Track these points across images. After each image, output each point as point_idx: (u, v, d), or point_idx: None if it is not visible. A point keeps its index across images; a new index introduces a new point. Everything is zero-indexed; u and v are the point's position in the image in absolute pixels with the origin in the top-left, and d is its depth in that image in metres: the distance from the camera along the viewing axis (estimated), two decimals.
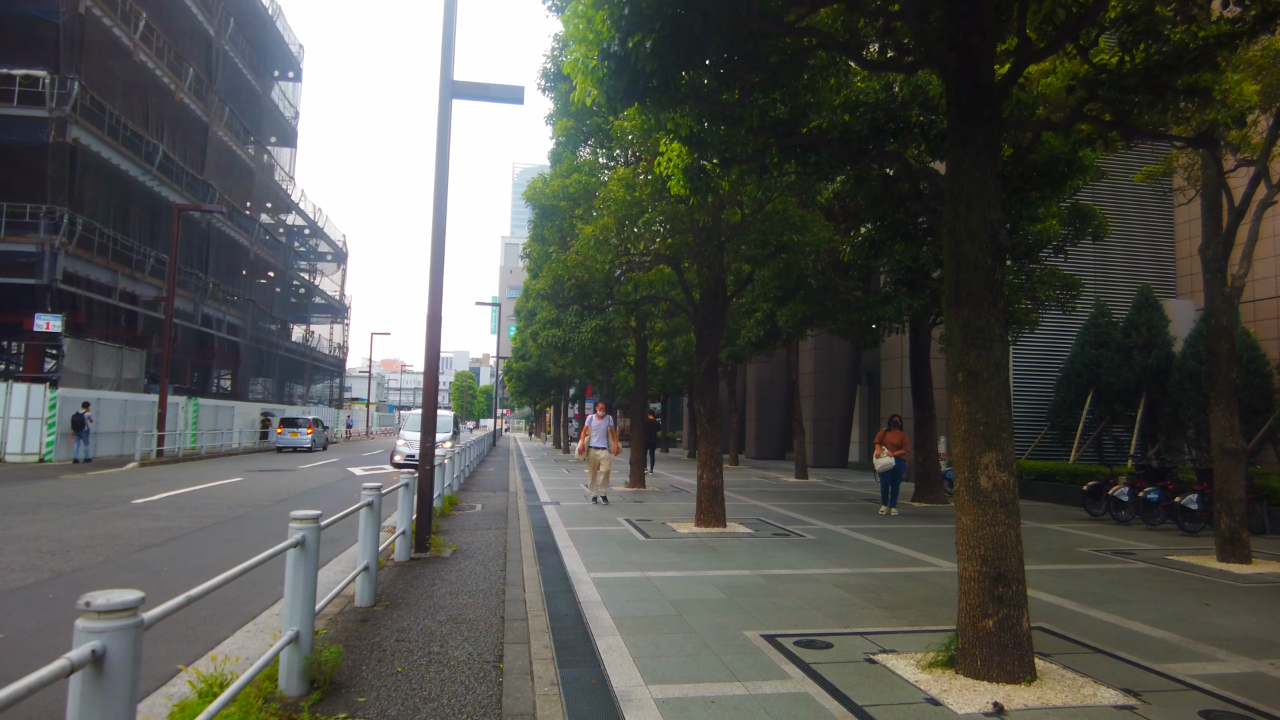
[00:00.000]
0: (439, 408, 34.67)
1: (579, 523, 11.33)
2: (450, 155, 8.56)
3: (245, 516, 11.92)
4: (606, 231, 8.75)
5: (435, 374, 8.62)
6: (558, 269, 10.84)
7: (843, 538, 10.25)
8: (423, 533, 8.53)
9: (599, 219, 8.99)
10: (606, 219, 8.77)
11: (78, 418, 22.80)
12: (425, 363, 8.64)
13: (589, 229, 9.00)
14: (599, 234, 8.78)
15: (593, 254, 9.06)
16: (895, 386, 21.99)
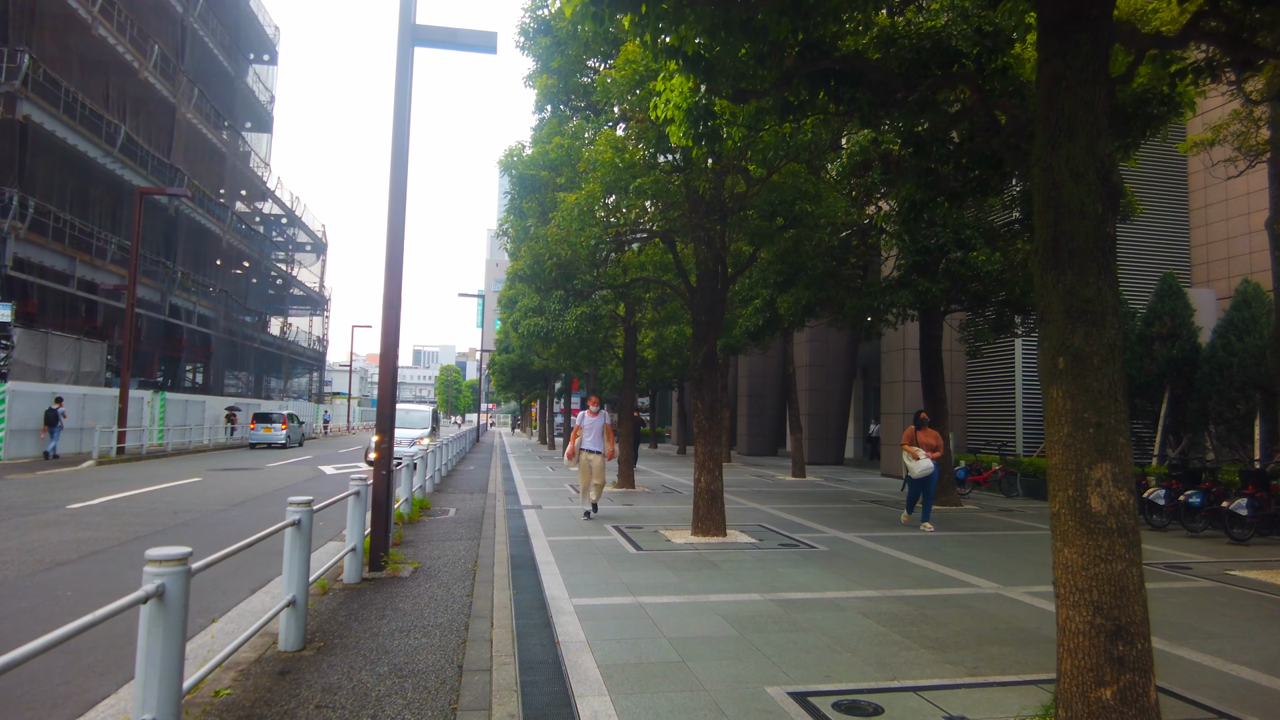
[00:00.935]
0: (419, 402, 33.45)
1: (562, 531, 10.15)
2: (411, 112, 7.33)
3: (190, 524, 10.67)
4: (592, 200, 7.56)
5: (393, 361, 7.40)
6: (537, 247, 9.63)
7: (859, 549, 9.12)
8: (378, 548, 7.33)
9: (584, 186, 7.78)
10: (592, 186, 7.58)
11: (51, 413, 21.75)
12: (381, 349, 7.43)
13: (571, 197, 7.79)
14: (583, 203, 7.59)
15: (576, 227, 7.88)
16: (897, 380, 20.93)
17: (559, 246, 8.85)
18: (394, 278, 7.38)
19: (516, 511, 12.14)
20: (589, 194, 7.63)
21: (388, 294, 7.42)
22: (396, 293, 7.41)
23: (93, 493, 13.82)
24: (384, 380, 7.40)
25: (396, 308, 7.44)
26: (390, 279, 7.38)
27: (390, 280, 7.37)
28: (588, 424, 11.13)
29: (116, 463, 21.62)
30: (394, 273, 7.38)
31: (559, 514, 11.92)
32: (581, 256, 9.04)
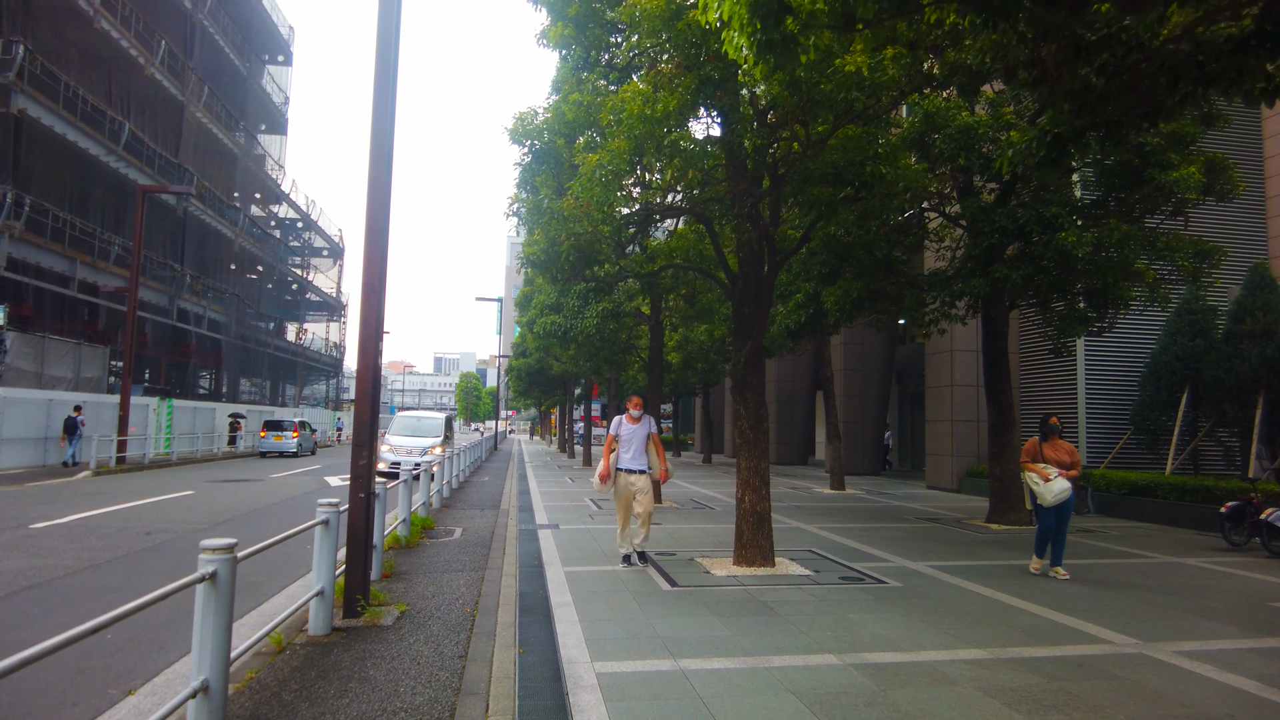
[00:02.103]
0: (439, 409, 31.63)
1: (582, 558, 8.71)
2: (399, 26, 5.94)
3: (158, 549, 9.34)
4: (618, 160, 6.15)
5: (374, 355, 6.01)
6: (552, 229, 8.24)
7: (938, 585, 7.60)
8: (354, 590, 5.92)
9: (608, 144, 6.38)
10: (618, 142, 6.18)
11: (70, 421, 20.98)
12: (360, 339, 6.03)
13: (594, 157, 6.39)
14: (607, 164, 6.18)
15: (599, 193, 6.48)
16: (944, 384, 19.31)
17: (577, 224, 7.46)
18: (376, 246, 6.00)
19: (530, 533, 10.72)
20: (614, 152, 6.23)
21: (367, 274, 6.03)
22: (380, 269, 6.02)
23: (70, 509, 12.59)
24: (363, 379, 6.01)
25: (379, 290, 6.06)
26: (371, 249, 5.99)
27: (371, 250, 5.99)
28: (626, 433, 8.06)
29: (115, 473, 20.49)
30: (376, 242, 5.99)
31: (578, 536, 10.49)
32: (604, 234, 7.64)
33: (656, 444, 8.19)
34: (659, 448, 8.20)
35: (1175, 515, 12.73)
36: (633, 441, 8.07)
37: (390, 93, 5.93)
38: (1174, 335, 15.33)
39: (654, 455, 8.14)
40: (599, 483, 8.06)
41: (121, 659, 5.18)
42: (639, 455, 8.09)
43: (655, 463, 8.15)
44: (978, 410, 18.91)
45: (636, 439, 8.09)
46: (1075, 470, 8.05)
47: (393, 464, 20.75)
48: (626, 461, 8.08)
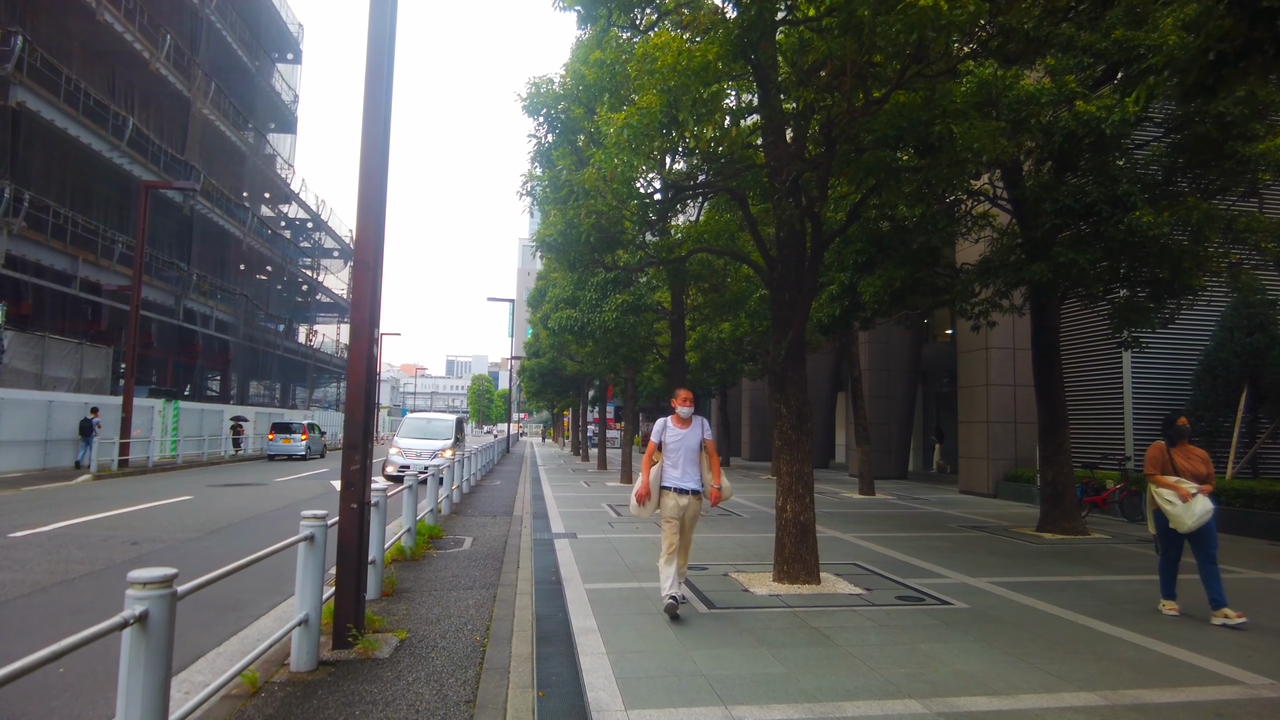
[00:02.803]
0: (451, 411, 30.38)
1: (604, 573, 7.86)
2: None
3: (141, 560, 8.56)
4: (648, 119, 5.29)
5: (368, 340, 5.18)
6: (569, 211, 7.40)
7: (1009, 606, 6.70)
8: (345, 617, 5.09)
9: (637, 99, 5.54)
10: (649, 98, 5.33)
11: (86, 423, 20.55)
12: (352, 325, 5.22)
13: (620, 115, 5.55)
14: (636, 123, 5.33)
15: (624, 160, 5.64)
16: (978, 384, 18.35)
17: (598, 199, 6.61)
18: (370, 214, 5.18)
19: (546, 543, 9.89)
20: (643, 110, 5.38)
21: (360, 247, 5.21)
22: (374, 241, 5.20)
23: (58, 515, 11.86)
24: (355, 369, 5.17)
25: (374, 268, 5.24)
26: (364, 218, 5.17)
27: (365, 218, 5.17)
28: (673, 440, 6.21)
29: (116, 477, 19.81)
30: (370, 208, 5.17)
31: (597, 546, 9.64)
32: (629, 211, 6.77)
33: (712, 455, 6.32)
34: (715, 459, 6.31)
35: (1242, 524, 11.76)
36: (681, 451, 6.17)
37: (387, 38, 5.12)
38: (1230, 330, 14.33)
39: (707, 470, 6.25)
40: (635, 505, 6.20)
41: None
42: (691, 469, 6.16)
43: (708, 479, 6.23)
44: (1014, 411, 17.96)
45: (686, 448, 6.18)
46: (1209, 484, 6.30)
47: (401, 467, 20.02)
48: (676, 479, 6.14)
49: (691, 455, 6.22)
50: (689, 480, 6.17)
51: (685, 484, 6.16)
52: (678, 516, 6.11)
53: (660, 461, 6.28)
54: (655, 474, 6.24)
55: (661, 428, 6.31)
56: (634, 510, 6.28)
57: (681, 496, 6.15)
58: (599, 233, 7.25)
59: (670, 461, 6.22)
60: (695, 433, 6.28)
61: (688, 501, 6.16)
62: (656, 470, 6.25)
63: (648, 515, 6.31)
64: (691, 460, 6.21)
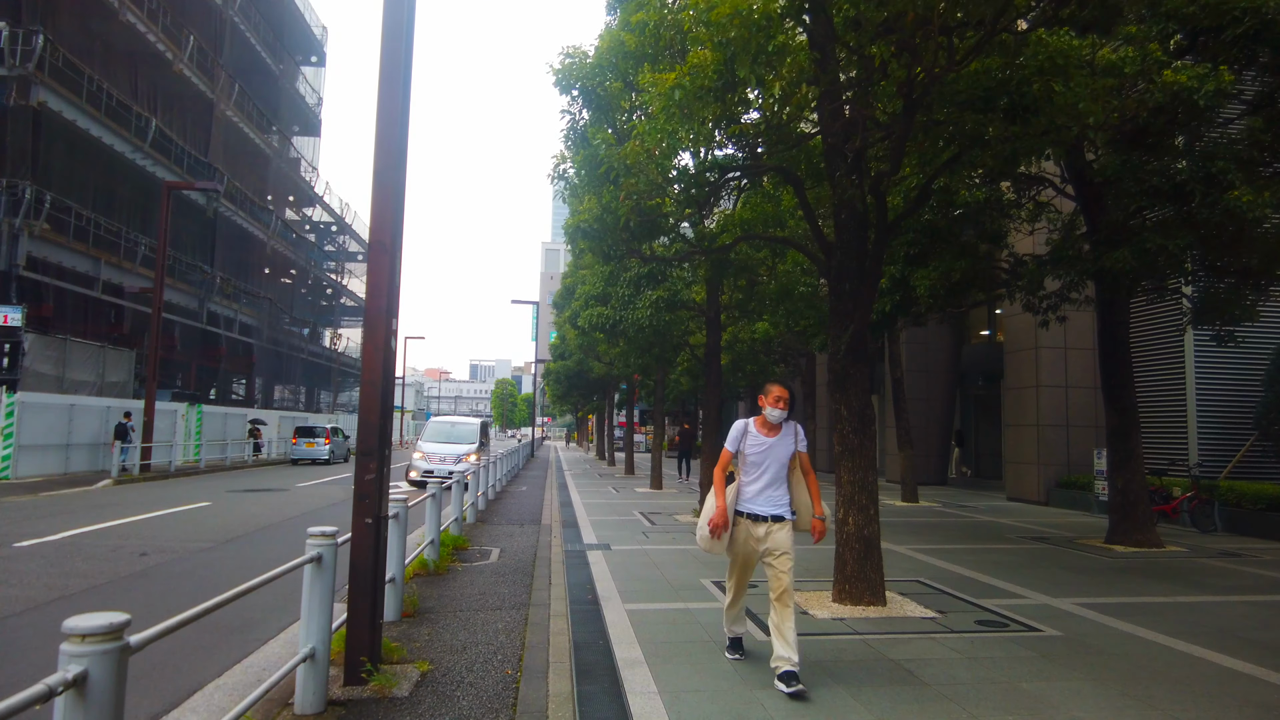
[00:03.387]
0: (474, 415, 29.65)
1: (646, 592, 7.16)
2: None
3: (148, 574, 8.01)
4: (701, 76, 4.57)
5: (384, 331, 4.55)
6: (606, 192, 6.74)
7: (1108, 634, 5.91)
8: (358, 647, 4.44)
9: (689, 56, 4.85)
10: (701, 53, 4.64)
11: (121, 427, 20.35)
12: (366, 316, 4.59)
13: (669, 76, 4.86)
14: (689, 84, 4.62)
15: (670, 131, 4.96)
16: (1027, 385, 17.43)
17: (640, 176, 5.92)
18: (387, 189, 4.54)
19: (578, 555, 9.22)
20: (695, 68, 4.68)
21: (376, 227, 4.58)
22: (392, 219, 4.57)
23: (70, 523, 11.39)
24: (370, 364, 4.53)
25: (391, 250, 4.60)
26: (381, 192, 4.54)
27: (381, 193, 4.54)
28: (757, 450, 4.76)
29: (137, 482, 19.47)
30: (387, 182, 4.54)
31: (634, 559, 8.95)
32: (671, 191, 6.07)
33: (808, 470, 4.87)
34: (812, 479, 4.87)
35: None
36: (768, 465, 4.69)
37: None
38: None
39: (803, 490, 4.83)
40: (707, 538, 4.69)
41: None
42: (776, 490, 4.71)
43: (804, 501, 4.81)
44: (1066, 413, 17.03)
45: (775, 461, 4.71)
46: None
47: (425, 472, 19.48)
48: (759, 502, 4.68)
49: (779, 471, 4.73)
50: (771, 503, 4.68)
51: (770, 508, 4.66)
52: (752, 548, 4.70)
53: (736, 481, 4.77)
54: (734, 497, 4.73)
55: (741, 433, 4.79)
56: (704, 544, 4.74)
57: (757, 525, 4.64)
58: (639, 216, 6.56)
59: (750, 477, 4.73)
60: (786, 442, 4.75)
61: (765, 531, 4.63)
62: (734, 491, 4.75)
63: (721, 551, 4.73)
64: (779, 478, 4.73)
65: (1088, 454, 16.35)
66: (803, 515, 4.82)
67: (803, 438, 4.84)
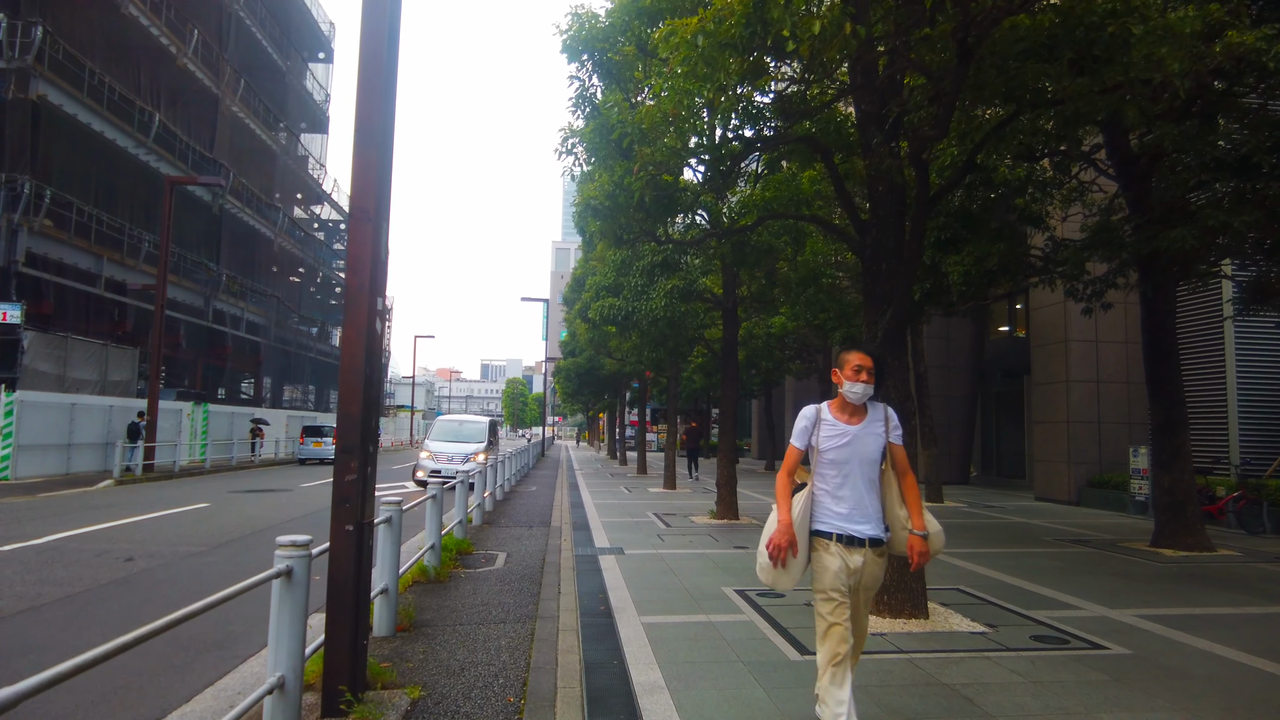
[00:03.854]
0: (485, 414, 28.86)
1: (663, 603, 6.57)
2: None
3: (130, 581, 7.50)
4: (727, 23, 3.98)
5: (368, 312, 3.98)
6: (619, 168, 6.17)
7: (1182, 651, 5.28)
8: (337, 674, 3.87)
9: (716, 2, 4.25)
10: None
11: (133, 426, 20.34)
12: (348, 294, 4.04)
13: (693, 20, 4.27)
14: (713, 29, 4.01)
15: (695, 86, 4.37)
16: (1057, 380, 16.73)
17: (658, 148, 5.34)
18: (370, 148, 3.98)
19: (590, 559, 8.64)
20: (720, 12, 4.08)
21: (358, 192, 4.02)
22: (375, 182, 4.00)
23: (60, 525, 10.92)
24: (351, 348, 3.96)
25: (375, 219, 4.03)
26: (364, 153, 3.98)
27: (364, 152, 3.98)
28: (835, 443, 3.47)
29: (139, 482, 19.03)
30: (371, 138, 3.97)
31: (649, 565, 8.37)
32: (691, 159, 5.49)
33: (904, 469, 3.55)
34: (910, 480, 3.55)
35: None
36: (852, 466, 3.45)
37: None
38: None
39: (895, 500, 3.52)
40: (768, 566, 3.47)
41: None
42: (867, 500, 3.46)
43: (897, 512, 3.52)
44: (1098, 410, 16.33)
45: (862, 458, 3.46)
46: None
47: (432, 472, 18.95)
48: (842, 517, 3.44)
49: (869, 473, 3.44)
50: (866, 520, 3.42)
51: (860, 527, 3.41)
52: (845, 587, 3.37)
53: (809, 484, 3.53)
54: (802, 508, 3.44)
55: (811, 422, 3.52)
56: (765, 576, 3.48)
57: (853, 551, 3.39)
58: (655, 191, 5.98)
59: (827, 484, 3.45)
60: (875, 431, 3.46)
61: (863, 561, 3.39)
62: (804, 501, 3.46)
63: (789, 586, 3.48)
64: (869, 482, 3.44)
65: (1120, 452, 15.66)
66: (895, 531, 3.51)
67: (896, 424, 3.56)
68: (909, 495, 3.52)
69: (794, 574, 3.47)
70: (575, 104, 7.34)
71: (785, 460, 3.61)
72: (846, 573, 3.39)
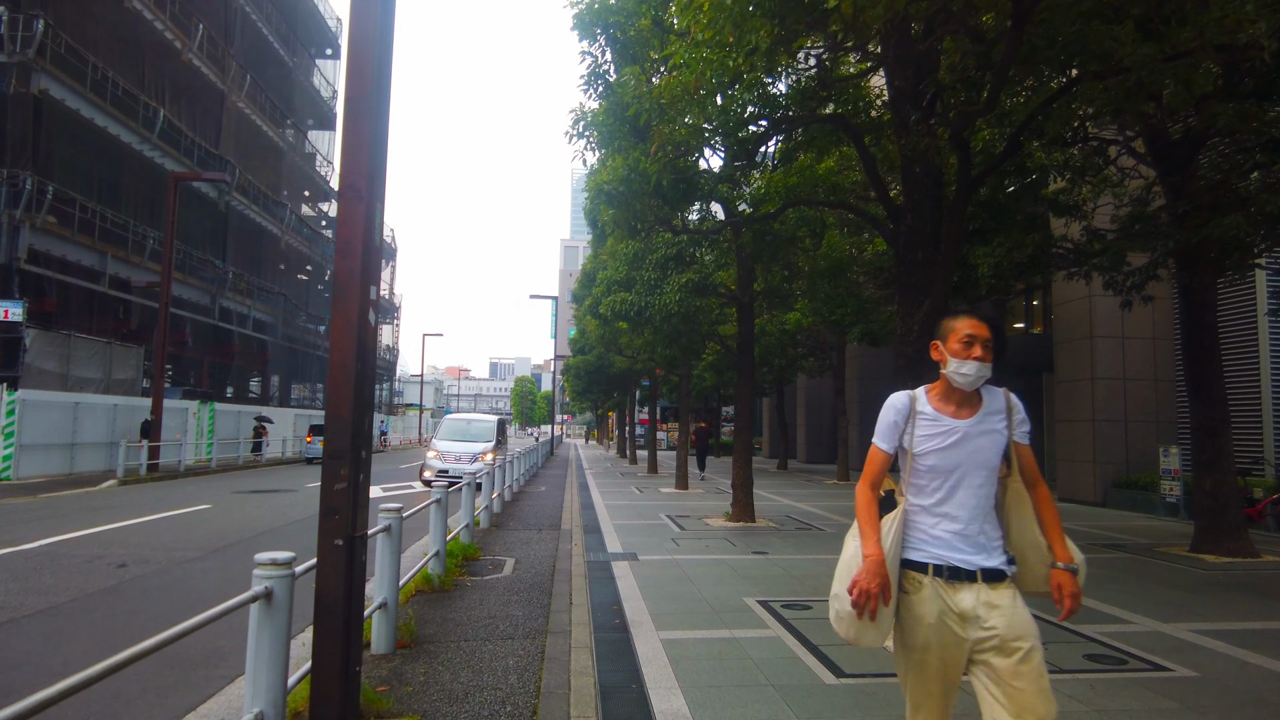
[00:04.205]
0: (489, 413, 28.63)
1: (682, 616, 6.15)
2: None
3: (119, 590, 7.13)
4: None
5: (360, 301, 3.57)
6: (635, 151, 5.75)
7: (1255, 674, 4.83)
8: (326, 707, 3.46)
9: None
10: None
11: (147, 425, 20.26)
12: (336, 279, 3.63)
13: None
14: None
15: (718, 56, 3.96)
16: (1082, 378, 16.22)
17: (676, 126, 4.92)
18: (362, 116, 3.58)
19: (602, 566, 8.23)
20: None
21: (348, 168, 3.61)
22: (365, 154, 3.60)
23: (55, 528, 10.58)
24: (342, 340, 3.55)
25: (367, 197, 3.62)
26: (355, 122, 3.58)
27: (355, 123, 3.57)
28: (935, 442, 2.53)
29: (144, 482, 18.74)
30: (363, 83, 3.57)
31: (665, 572, 7.95)
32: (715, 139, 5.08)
33: (1034, 478, 2.58)
34: (1043, 491, 2.58)
35: None
36: (963, 472, 2.51)
37: None
38: None
39: (1025, 518, 2.55)
40: (849, 619, 2.46)
41: None
42: (985, 520, 2.51)
43: (1031, 537, 2.54)
44: (1124, 408, 15.80)
45: (977, 463, 2.51)
46: None
47: (439, 472, 18.59)
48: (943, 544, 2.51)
49: (985, 481, 2.51)
50: (977, 547, 2.49)
51: (969, 555, 2.47)
52: (943, 645, 2.43)
53: (901, 504, 2.58)
54: (895, 536, 2.52)
55: (903, 414, 2.59)
56: (845, 629, 2.50)
57: (958, 589, 2.44)
58: (673, 174, 5.56)
59: (925, 498, 2.55)
60: (993, 426, 2.53)
61: (974, 601, 2.42)
62: (896, 525, 2.53)
63: (878, 643, 2.51)
64: (983, 496, 2.51)
65: (1148, 451, 15.15)
66: (1030, 564, 2.52)
67: (1023, 416, 2.57)
68: (1045, 514, 2.52)
69: (884, 627, 2.46)
70: (588, 82, 6.88)
71: (867, 467, 2.64)
72: (955, 621, 2.38)
